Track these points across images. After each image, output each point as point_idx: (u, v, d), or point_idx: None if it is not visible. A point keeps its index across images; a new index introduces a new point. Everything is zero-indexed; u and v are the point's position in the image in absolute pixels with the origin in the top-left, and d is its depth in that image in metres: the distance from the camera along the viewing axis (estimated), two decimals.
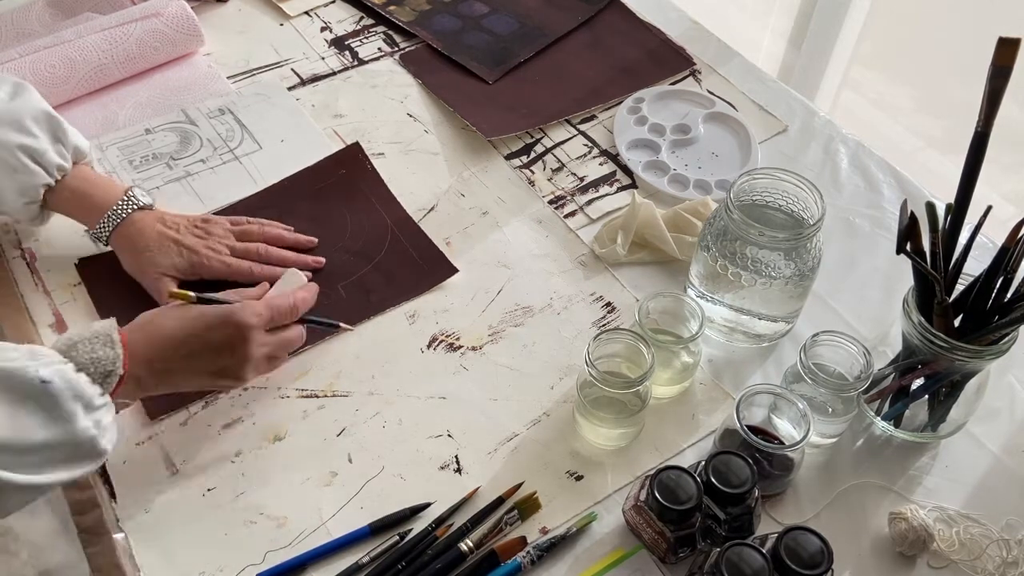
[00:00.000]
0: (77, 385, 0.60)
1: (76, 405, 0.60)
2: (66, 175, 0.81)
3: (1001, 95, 0.62)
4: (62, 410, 0.59)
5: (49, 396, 0.58)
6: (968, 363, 0.67)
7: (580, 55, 1.09)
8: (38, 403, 0.58)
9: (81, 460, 0.61)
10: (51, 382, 0.58)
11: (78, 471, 0.61)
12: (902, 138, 1.73)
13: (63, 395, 0.59)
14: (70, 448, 0.60)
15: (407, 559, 0.66)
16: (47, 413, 0.58)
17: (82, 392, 0.60)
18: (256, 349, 0.69)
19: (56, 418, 0.59)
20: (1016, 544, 0.68)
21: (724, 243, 0.74)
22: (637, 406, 0.71)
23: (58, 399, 0.59)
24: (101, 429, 0.61)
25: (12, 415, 0.57)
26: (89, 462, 0.62)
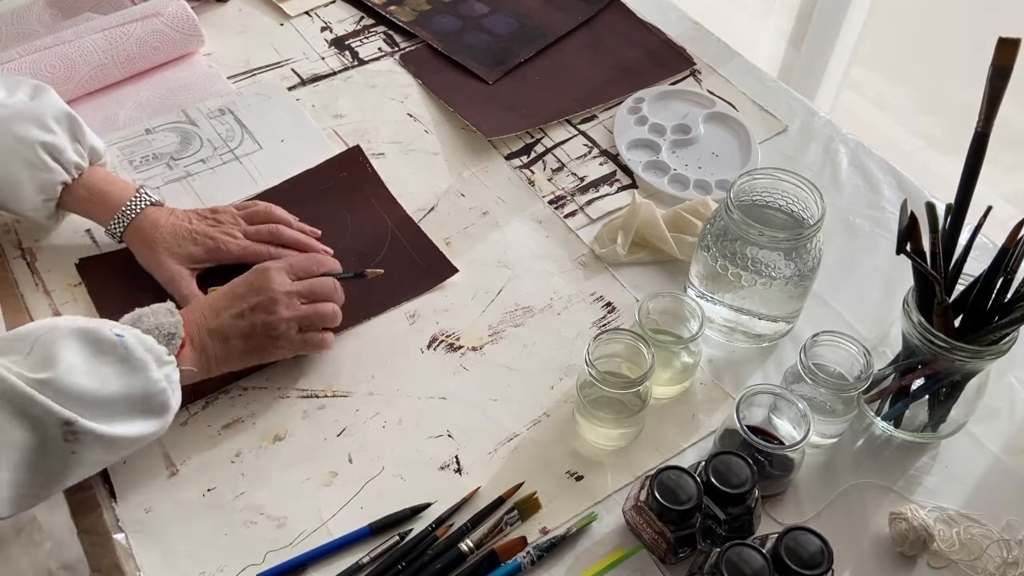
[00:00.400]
0: (147, 341, 0.66)
1: (149, 356, 0.65)
2: (83, 173, 0.82)
3: (1001, 95, 0.62)
4: (137, 361, 0.64)
5: (125, 348, 0.64)
6: (968, 363, 0.67)
7: (580, 55, 1.09)
8: (115, 355, 0.64)
9: (152, 413, 0.66)
10: (125, 336, 0.64)
11: (149, 426, 0.65)
12: (902, 138, 1.74)
13: (136, 348, 0.64)
14: (143, 399, 0.65)
15: (407, 559, 0.66)
16: (123, 364, 0.64)
17: (152, 347, 0.66)
18: (280, 287, 0.74)
19: (131, 368, 0.64)
20: (1016, 544, 0.68)
21: (724, 243, 0.74)
22: (637, 406, 0.71)
23: (132, 351, 0.64)
24: (171, 384, 0.66)
25: (93, 366, 0.62)
26: (158, 418, 0.66)
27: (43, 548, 0.86)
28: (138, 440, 0.65)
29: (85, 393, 0.61)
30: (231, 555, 0.67)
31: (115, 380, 0.63)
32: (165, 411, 0.66)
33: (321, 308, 0.76)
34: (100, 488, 0.70)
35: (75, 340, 0.63)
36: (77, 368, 0.61)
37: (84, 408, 0.61)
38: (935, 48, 1.65)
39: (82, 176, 0.82)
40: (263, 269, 0.75)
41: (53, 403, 0.59)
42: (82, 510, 0.69)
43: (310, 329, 0.75)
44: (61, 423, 0.60)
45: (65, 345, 0.62)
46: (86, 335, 0.63)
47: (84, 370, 0.61)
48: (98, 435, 0.61)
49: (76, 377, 0.61)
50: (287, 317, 0.73)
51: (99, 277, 0.84)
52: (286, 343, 0.74)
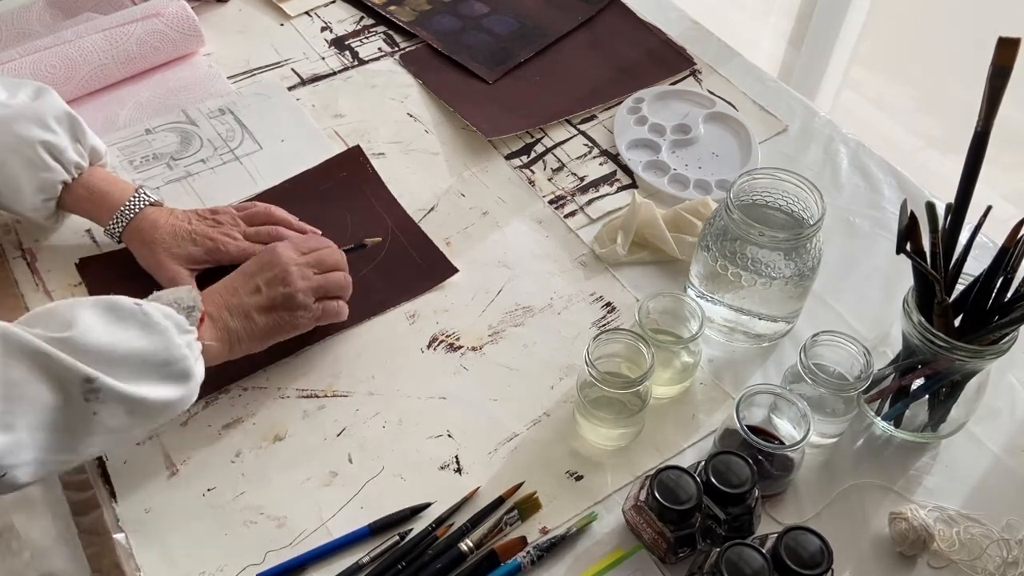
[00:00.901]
0: (166, 310, 0.66)
1: (169, 323, 0.65)
2: (83, 173, 0.82)
3: (1001, 95, 0.62)
4: (157, 324, 0.64)
5: (144, 314, 0.64)
6: (968, 363, 0.67)
7: (580, 55, 1.09)
8: (136, 320, 0.63)
9: (174, 379, 0.65)
10: (144, 305, 0.64)
11: (172, 391, 0.64)
12: (902, 138, 1.73)
13: (156, 315, 0.64)
14: (165, 362, 0.64)
15: (407, 559, 0.66)
16: (144, 328, 0.63)
17: (171, 315, 0.66)
18: (290, 261, 0.74)
19: (152, 331, 0.64)
20: (1016, 544, 0.68)
21: (724, 243, 0.74)
22: (637, 406, 0.71)
23: (152, 316, 0.64)
24: (192, 352, 0.66)
25: (112, 327, 0.62)
26: (181, 384, 0.65)
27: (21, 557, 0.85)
28: (161, 406, 0.64)
29: (104, 350, 0.61)
30: (231, 555, 0.67)
31: (136, 341, 0.62)
32: (188, 378, 0.65)
33: (333, 276, 0.77)
34: (100, 488, 0.70)
35: (92, 306, 0.63)
36: (96, 328, 0.61)
37: (105, 365, 0.60)
38: (935, 48, 1.65)
39: (82, 176, 0.82)
40: (270, 248, 0.76)
41: (76, 361, 0.59)
42: (82, 510, 0.69)
43: (325, 299, 0.76)
44: (82, 380, 0.59)
45: (82, 310, 0.62)
46: (104, 303, 0.63)
47: (103, 330, 0.61)
48: (120, 394, 0.61)
49: (95, 335, 0.61)
50: (303, 288, 0.74)
51: (99, 277, 0.84)
52: (305, 314, 0.75)
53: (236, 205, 0.86)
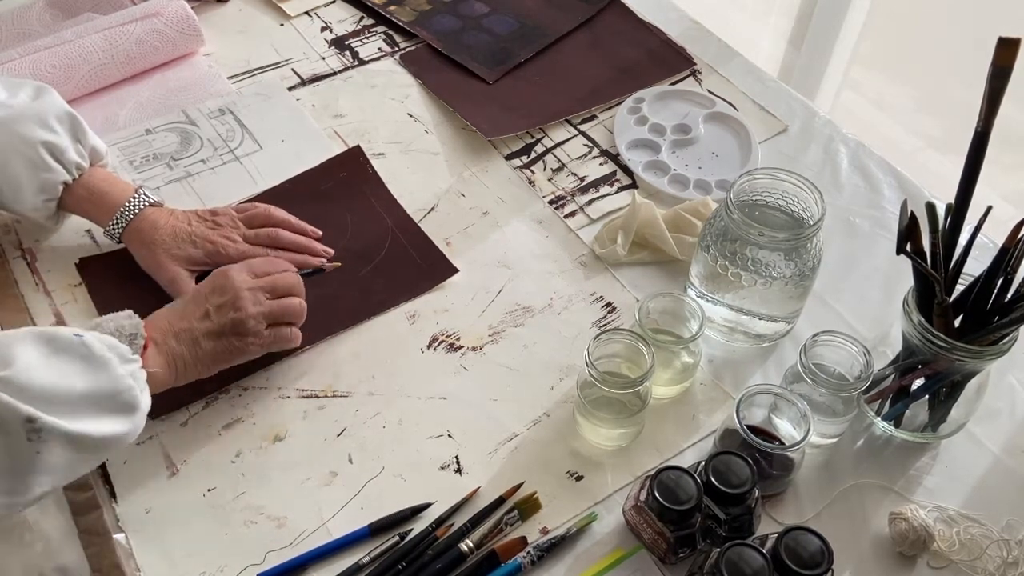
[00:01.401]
0: (109, 340, 0.63)
1: (111, 354, 0.62)
2: (83, 173, 0.82)
3: (1001, 95, 0.62)
4: (98, 358, 0.62)
5: (85, 347, 0.61)
6: (968, 363, 0.67)
7: (580, 55, 1.09)
8: (76, 353, 0.61)
9: (119, 412, 0.63)
10: (84, 336, 0.62)
11: (118, 425, 0.62)
12: (902, 138, 1.73)
13: (97, 346, 0.62)
14: (109, 396, 0.62)
15: (407, 559, 0.66)
16: (85, 362, 0.61)
17: (114, 345, 0.63)
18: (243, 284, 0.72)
19: (94, 366, 0.61)
20: (1016, 544, 0.68)
21: (724, 243, 0.74)
22: (637, 406, 0.71)
23: (93, 349, 0.62)
24: (137, 381, 0.64)
25: (53, 365, 0.60)
26: (126, 417, 0.63)
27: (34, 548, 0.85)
28: (108, 440, 0.62)
29: (46, 389, 0.58)
30: (231, 555, 0.67)
31: (77, 377, 0.60)
32: (133, 410, 0.63)
33: (287, 303, 0.74)
34: (100, 488, 0.70)
35: (31, 341, 0.60)
36: (35, 365, 0.59)
37: (46, 404, 0.58)
38: (935, 48, 1.65)
39: (83, 176, 0.82)
40: (223, 271, 0.73)
41: (14, 400, 0.56)
42: (82, 510, 0.69)
43: (278, 324, 0.74)
44: (23, 420, 0.57)
45: (21, 346, 0.59)
46: (42, 336, 0.61)
47: (43, 367, 0.59)
48: (63, 432, 0.58)
49: (35, 373, 0.58)
50: (254, 313, 0.72)
51: (99, 277, 0.84)
52: (256, 339, 0.72)
53: (236, 206, 0.86)
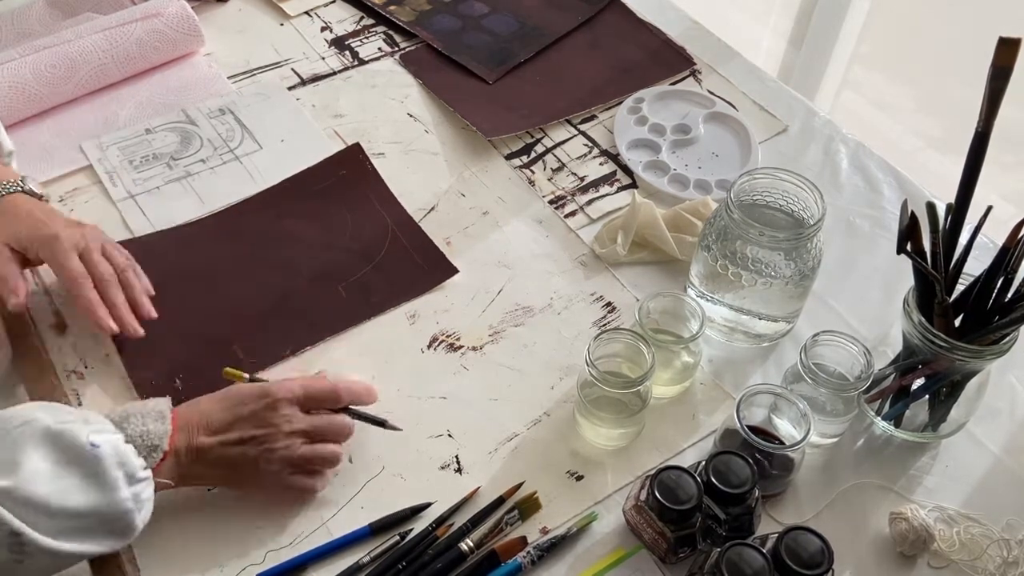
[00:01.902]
0: (124, 455, 0.60)
1: (119, 473, 0.60)
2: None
3: (1001, 95, 0.62)
4: (107, 476, 0.59)
5: (97, 461, 0.59)
6: (968, 363, 0.67)
7: (580, 55, 1.09)
8: (84, 467, 0.58)
9: (113, 535, 0.61)
10: (100, 447, 0.59)
11: (105, 545, 0.61)
12: (902, 138, 1.73)
13: (109, 461, 0.59)
14: (105, 519, 0.60)
15: (407, 559, 0.66)
16: (91, 479, 0.59)
17: (127, 461, 0.60)
18: (285, 423, 0.67)
19: (98, 483, 0.59)
20: (1016, 544, 0.68)
21: (724, 243, 0.74)
22: (637, 406, 0.71)
23: (103, 464, 0.59)
24: (138, 503, 0.61)
25: (56, 475, 0.58)
26: (120, 538, 0.62)
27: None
28: (93, 555, 0.61)
29: (44, 503, 0.56)
30: (231, 555, 0.67)
31: (79, 493, 0.58)
32: (129, 532, 0.61)
33: (321, 450, 0.68)
34: None
35: (44, 445, 0.58)
36: (40, 476, 0.57)
37: (39, 519, 0.56)
38: (935, 48, 1.65)
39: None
40: (274, 400, 0.67)
41: (5, 513, 0.55)
42: None
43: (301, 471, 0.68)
44: (8, 533, 0.55)
45: (32, 449, 0.57)
46: (58, 441, 0.58)
47: (47, 479, 0.57)
48: (47, 549, 0.57)
49: (38, 486, 0.56)
50: (281, 457, 0.66)
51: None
52: (270, 483, 0.68)
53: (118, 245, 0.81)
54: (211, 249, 0.87)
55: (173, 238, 0.88)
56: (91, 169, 0.93)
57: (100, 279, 0.76)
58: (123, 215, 0.89)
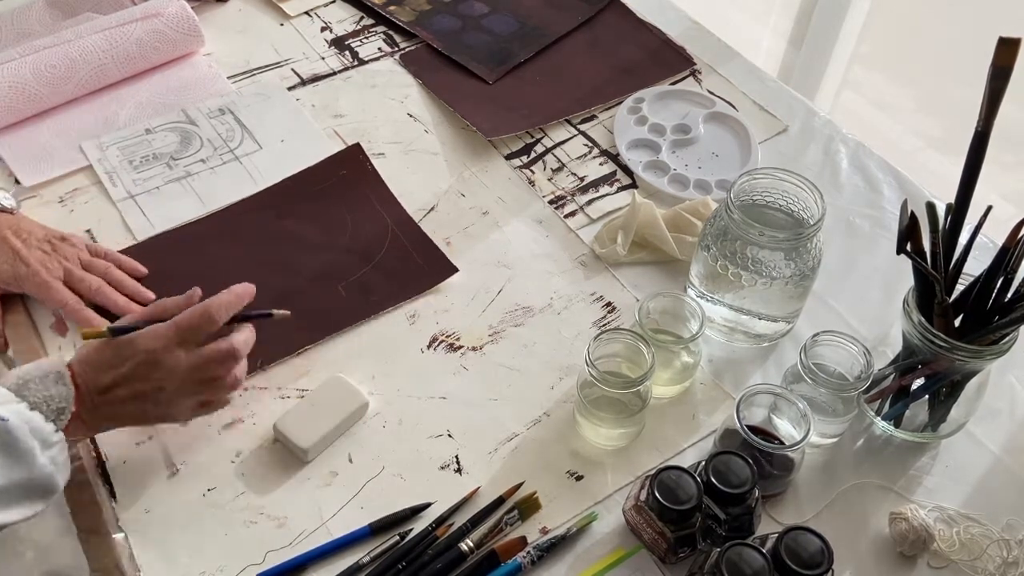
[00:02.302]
0: (33, 421, 0.60)
1: (33, 442, 0.60)
2: None
3: (1001, 95, 0.62)
4: (20, 446, 0.59)
5: (8, 434, 0.59)
6: (968, 363, 0.67)
7: (580, 55, 1.09)
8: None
9: (36, 498, 0.61)
10: (8, 420, 0.59)
11: (30, 509, 0.61)
12: (902, 138, 1.73)
13: (21, 431, 0.59)
14: (27, 486, 0.60)
15: (407, 559, 0.66)
16: (5, 451, 0.59)
17: (38, 428, 0.60)
18: (168, 375, 0.66)
19: (14, 455, 0.59)
20: (1016, 544, 0.68)
21: (724, 243, 0.74)
22: (637, 406, 0.71)
23: (15, 436, 0.59)
24: (57, 466, 0.62)
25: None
26: (43, 500, 0.62)
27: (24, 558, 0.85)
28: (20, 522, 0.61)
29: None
30: (231, 555, 0.67)
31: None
32: (49, 495, 0.62)
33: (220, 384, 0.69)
34: (100, 488, 0.70)
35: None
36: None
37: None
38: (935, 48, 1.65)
39: None
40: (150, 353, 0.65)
41: None
42: (82, 510, 0.69)
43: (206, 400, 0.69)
44: None
45: None
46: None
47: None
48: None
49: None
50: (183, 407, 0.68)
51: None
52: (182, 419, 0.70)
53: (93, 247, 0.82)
54: (211, 249, 0.87)
55: (173, 238, 0.88)
56: (91, 169, 0.93)
57: (89, 292, 0.78)
58: (123, 215, 0.89)
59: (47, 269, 0.77)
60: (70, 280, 0.78)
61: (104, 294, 0.78)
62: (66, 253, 0.79)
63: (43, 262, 0.78)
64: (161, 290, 0.80)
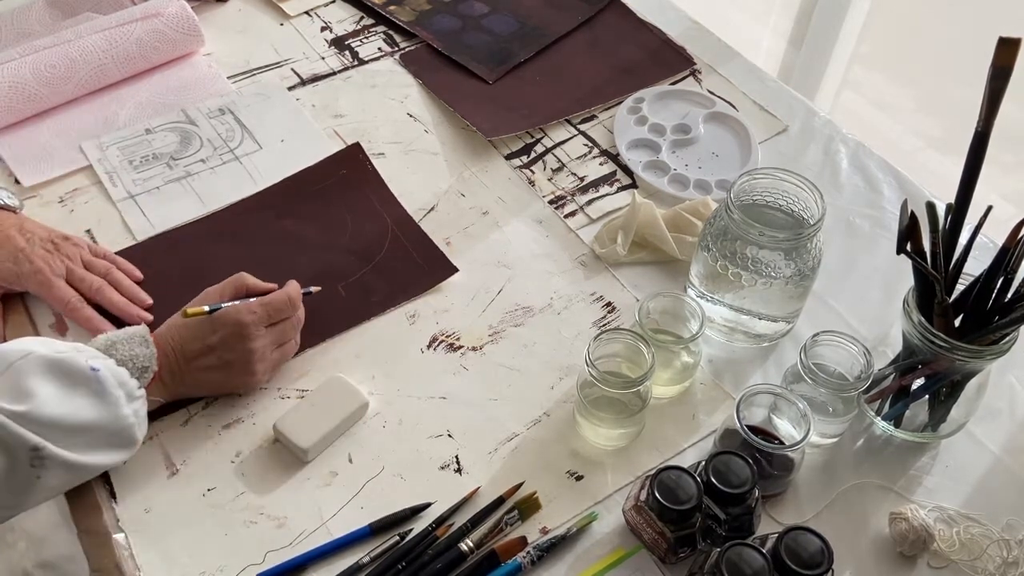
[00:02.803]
0: (120, 375, 0.66)
1: (120, 392, 0.66)
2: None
3: (1001, 95, 0.62)
4: (110, 395, 0.65)
5: (99, 382, 0.65)
6: (968, 363, 0.67)
7: (580, 55, 1.09)
8: (88, 387, 0.64)
9: (118, 446, 0.67)
10: (100, 370, 0.65)
11: (114, 457, 0.67)
12: (902, 138, 1.73)
13: (110, 382, 0.65)
14: (112, 432, 0.66)
15: (407, 559, 0.66)
16: (96, 397, 0.65)
17: (125, 381, 0.67)
18: (257, 343, 0.73)
19: (104, 402, 0.65)
20: (1016, 544, 0.68)
21: (724, 243, 0.74)
22: (637, 406, 0.71)
23: (106, 385, 0.65)
24: (138, 419, 0.68)
25: (66, 396, 0.63)
26: (124, 450, 0.68)
27: (16, 549, 0.86)
28: (102, 468, 0.68)
29: (57, 422, 0.62)
30: (231, 555, 0.67)
31: (87, 411, 0.64)
32: (131, 445, 0.68)
33: (288, 349, 0.77)
34: (100, 488, 0.70)
35: (49, 372, 0.63)
36: (52, 400, 0.62)
37: (55, 436, 0.62)
38: (935, 48, 1.65)
39: None
40: (242, 326, 0.72)
41: (25, 431, 0.61)
42: (82, 510, 0.69)
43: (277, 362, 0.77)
44: (29, 448, 0.61)
45: (39, 378, 0.63)
46: (60, 367, 0.64)
47: (58, 402, 0.63)
48: (64, 461, 0.63)
49: (51, 409, 0.62)
50: (261, 371, 0.74)
51: None
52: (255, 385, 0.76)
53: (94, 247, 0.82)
54: (211, 249, 0.87)
55: (173, 238, 0.88)
56: (91, 169, 0.93)
57: (90, 291, 0.79)
58: (123, 215, 0.89)
59: (50, 267, 0.78)
60: (71, 279, 0.79)
61: (104, 294, 0.79)
62: (68, 252, 0.80)
63: (46, 260, 0.78)
64: (161, 290, 0.81)
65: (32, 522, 0.82)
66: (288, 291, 0.76)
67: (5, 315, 0.80)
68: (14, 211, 0.82)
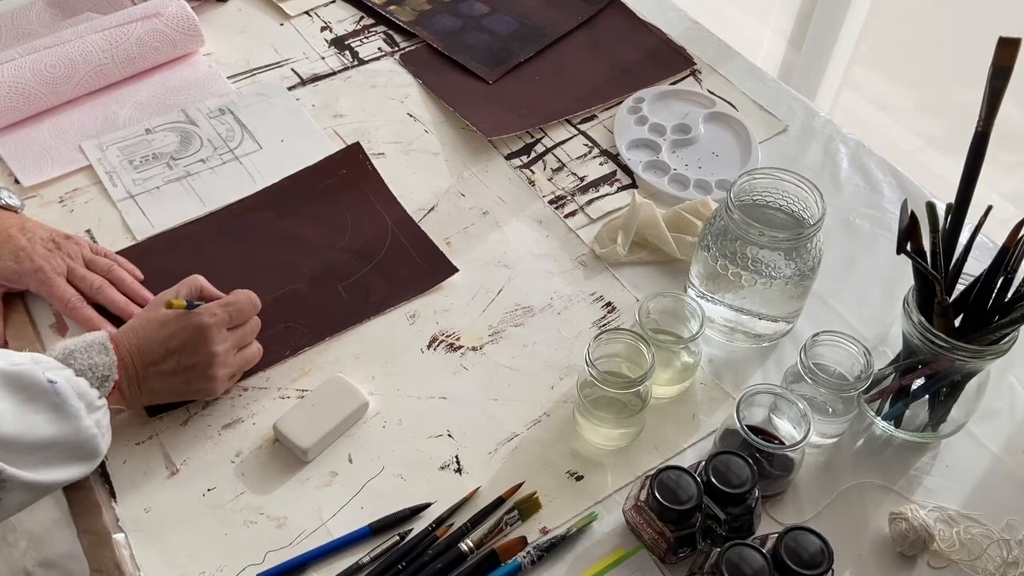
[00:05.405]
0: (79, 386, 0.64)
1: (80, 404, 0.64)
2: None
3: (1001, 95, 0.62)
4: (69, 408, 0.63)
5: (56, 395, 0.62)
6: (968, 363, 0.67)
7: (580, 55, 1.09)
8: (46, 401, 0.62)
9: (81, 459, 0.65)
10: (57, 382, 0.63)
11: (76, 471, 0.65)
12: (902, 138, 1.73)
13: (69, 394, 0.63)
14: (73, 446, 0.64)
15: (407, 559, 0.66)
16: (54, 412, 0.62)
17: (84, 392, 0.64)
18: (219, 346, 0.71)
19: (62, 415, 0.63)
20: (1016, 544, 0.68)
21: (724, 243, 0.74)
22: (637, 406, 0.71)
23: (64, 397, 0.63)
24: (101, 429, 0.66)
25: (21, 412, 0.61)
26: (87, 462, 0.66)
27: (18, 548, 0.86)
28: (66, 482, 0.65)
29: (13, 441, 0.60)
30: (231, 555, 0.67)
31: (45, 427, 0.62)
32: (95, 456, 0.66)
33: (250, 354, 0.75)
34: (100, 488, 0.70)
35: (4, 387, 0.61)
36: (6, 415, 0.60)
37: (12, 455, 0.60)
38: (935, 48, 1.65)
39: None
40: (203, 328, 0.70)
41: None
42: (82, 510, 0.69)
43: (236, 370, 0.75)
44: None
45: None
46: (17, 381, 0.61)
47: (13, 418, 0.60)
48: (25, 482, 0.61)
49: (7, 427, 0.60)
50: (223, 376, 0.72)
51: None
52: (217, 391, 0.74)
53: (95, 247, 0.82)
54: (211, 249, 0.87)
55: (173, 238, 0.88)
56: (91, 169, 0.93)
57: (91, 290, 0.78)
58: (123, 215, 0.89)
59: (51, 265, 0.78)
60: (72, 278, 0.79)
61: (105, 292, 0.79)
62: (70, 251, 0.80)
63: (47, 259, 0.78)
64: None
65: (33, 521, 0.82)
66: (248, 293, 0.75)
67: (5, 315, 0.80)
68: (15, 211, 0.83)
